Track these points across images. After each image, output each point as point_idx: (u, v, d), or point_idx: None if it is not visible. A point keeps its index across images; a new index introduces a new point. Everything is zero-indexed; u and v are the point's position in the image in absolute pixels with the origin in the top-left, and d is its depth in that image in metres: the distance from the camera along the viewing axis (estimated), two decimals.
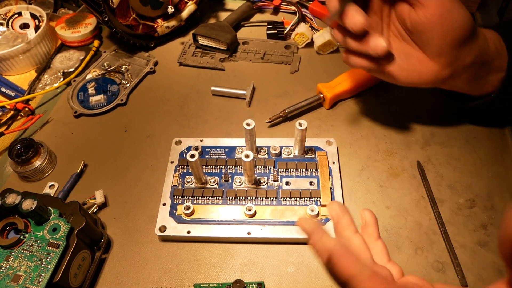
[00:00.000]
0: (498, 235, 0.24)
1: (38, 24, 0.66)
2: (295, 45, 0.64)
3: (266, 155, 0.49)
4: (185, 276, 0.42)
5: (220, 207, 0.45)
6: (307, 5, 0.68)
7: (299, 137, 0.46)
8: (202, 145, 0.51)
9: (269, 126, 0.54)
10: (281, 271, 0.42)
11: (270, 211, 0.45)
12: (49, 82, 0.63)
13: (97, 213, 0.47)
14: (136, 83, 0.61)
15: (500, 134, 0.51)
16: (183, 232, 0.44)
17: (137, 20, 0.62)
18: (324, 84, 0.55)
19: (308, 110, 0.55)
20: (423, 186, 0.47)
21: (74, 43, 0.67)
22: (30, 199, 0.38)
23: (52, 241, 0.38)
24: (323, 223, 0.43)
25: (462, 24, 0.39)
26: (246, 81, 0.60)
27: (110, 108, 0.58)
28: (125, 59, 0.65)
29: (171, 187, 0.47)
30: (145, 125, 0.56)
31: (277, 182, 0.47)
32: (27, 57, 0.64)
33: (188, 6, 0.66)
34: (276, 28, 0.65)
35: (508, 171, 0.48)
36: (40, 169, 0.50)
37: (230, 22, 0.65)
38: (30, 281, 0.36)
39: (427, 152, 0.50)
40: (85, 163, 0.52)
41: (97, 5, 0.57)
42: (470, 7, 0.66)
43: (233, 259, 0.43)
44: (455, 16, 0.39)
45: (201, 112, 0.57)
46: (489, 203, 0.45)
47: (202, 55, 0.64)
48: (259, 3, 0.70)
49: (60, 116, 0.58)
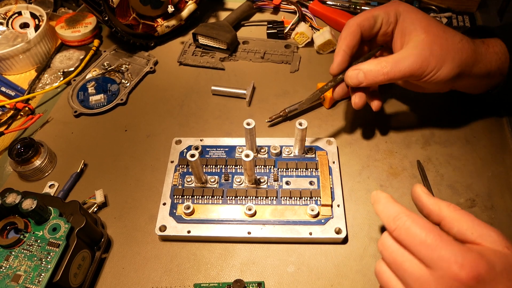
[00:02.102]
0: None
1: (38, 24, 0.66)
2: (295, 45, 0.64)
3: (266, 155, 0.49)
4: (185, 275, 0.42)
5: (220, 207, 0.45)
6: (307, 5, 0.68)
7: (299, 136, 0.46)
8: (202, 145, 0.51)
9: (269, 125, 0.54)
10: (281, 270, 0.42)
11: (270, 210, 0.45)
12: (49, 82, 0.63)
13: (97, 213, 0.47)
14: (136, 83, 0.61)
15: (500, 134, 0.51)
16: (183, 232, 0.44)
17: (137, 20, 0.62)
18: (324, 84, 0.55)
19: (308, 109, 0.55)
20: (423, 185, 0.47)
21: (74, 42, 0.67)
22: (30, 199, 0.38)
23: (52, 240, 0.38)
24: (323, 223, 0.43)
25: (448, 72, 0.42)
26: (246, 80, 0.60)
27: (110, 107, 0.58)
28: (125, 59, 0.65)
29: (171, 186, 0.47)
30: (145, 124, 0.56)
31: (277, 182, 0.47)
32: (27, 56, 0.64)
33: (188, 5, 0.66)
34: (276, 27, 0.65)
35: (508, 171, 0.48)
36: (40, 168, 0.50)
37: (230, 22, 0.65)
38: (30, 280, 0.36)
39: (427, 152, 0.50)
40: (85, 162, 0.52)
41: (97, 5, 0.57)
42: (470, 7, 0.67)
43: (233, 258, 0.43)
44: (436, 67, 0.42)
45: (201, 112, 0.57)
46: (489, 203, 0.45)
47: (202, 54, 0.64)
48: (259, 3, 0.70)
49: (60, 116, 0.58)
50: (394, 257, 0.32)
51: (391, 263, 0.32)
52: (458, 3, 0.66)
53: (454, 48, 0.42)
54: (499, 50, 0.44)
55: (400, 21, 0.45)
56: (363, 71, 0.44)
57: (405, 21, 0.44)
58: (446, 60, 0.42)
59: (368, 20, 0.46)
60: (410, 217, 0.31)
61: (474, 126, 0.52)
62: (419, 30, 0.43)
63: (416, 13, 0.44)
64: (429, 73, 0.42)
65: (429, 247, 0.29)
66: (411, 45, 0.43)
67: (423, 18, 0.44)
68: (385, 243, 0.33)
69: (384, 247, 0.33)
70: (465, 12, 0.67)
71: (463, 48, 0.42)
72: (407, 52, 0.42)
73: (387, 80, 0.43)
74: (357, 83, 0.44)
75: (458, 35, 0.43)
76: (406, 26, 0.44)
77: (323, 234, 0.43)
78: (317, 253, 0.43)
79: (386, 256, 0.32)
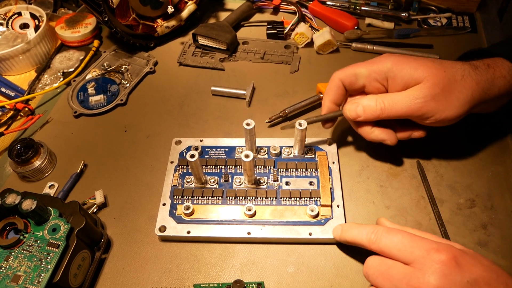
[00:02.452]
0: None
1: (38, 24, 0.66)
2: (295, 45, 0.64)
3: (266, 155, 0.49)
4: (185, 276, 0.42)
5: (220, 207, 0.45)
6: (307, 5, 0.68)
7: (299, 137, 0.46)
8: (202, 145, 0.51)
9: (269, 126, 0.54)
10: (281, 271, 0.42)
11: (270, 211, 0.45)
12: (49, 82, 0.63)
13: (97, 213, 0.47)
14: (136, 83, 0.61)
15: (500, 134, 0.51)
16: (183, 232, 0.44)
17: (137, 20, 0.62)
18: (324, 84, 0.55)
19: (308, 110, 0.55)
20: (423, 186, 0.47)
21: (74, 43, 0.67)
22: (30, 199, 0.38)
23: (52, 241, 0.37)
24: (323, 223, 0.43)
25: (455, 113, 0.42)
26: (246, 81, 0.60)
27: (110, 108, 0.58)
28: (125, 59, 0.65)
29: (171, 187, 0.47)
30: (145, 125, 0.56)
31: (277, 182, 0.47)
32: (27, 57, 0.64)
33: (188, 6, 0.66)
34: (276, 28, 0.65)
35: (508, 171, 0.48)
36: (40, 169, 0.50)
37: (230, 22, 0.65)
38: (30, 281, 0.36)
39: (427, 152, 0.50)
40: (85, 163, 0.52)
41: (96, 5, 0.57)
42: (470, 7, 0.67)
43: (233, 259, 0.43)
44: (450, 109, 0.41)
45: (201, 112, 0.57)
46: (489, 203, 0.45)
47: (202, 55, 0.64)
48: (259, 3, 0.70)
49: (60, 116, 0.58)
50: (380, 270, 0.35)
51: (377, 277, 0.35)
52: (458, 3, 0.66)
53: (457, 87, 0.41)
54: (507, 73, 0.43)
55: (392, 75, 0.43)
56: (362, 105, 0.43)
57: (400, 71, 0.42)
58: (450, 101, 0.41)
59: (349, 77, 0.45)
60: (383, 227, 0.37)
61: (474, 126, 0.52)
62: (419, 76, 0.41)
63: (410, 62, 0.42)
64: (432, 115, 0.41)
65: (407, 245, 0.34)
66: (412, 89, 0.42)
67: (419, 64, 0.42)
68: (368, 264, 0.36)
69: (368, 267, 0.36)
70: (465, 12, 0.67)
71: (466, 84, 0.41)
72: (406, 93, 0.42)
73: (384, 117, 0.43)
74: (356, 116, 0.44)
75: (459, 71, 0.42)
76: (403, 75, 0.42)
77: (323, 235, 0.43)
78: (316, 253, 0.43)
79: (372, 274, 0.35)
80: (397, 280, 0.33)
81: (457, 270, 0.31)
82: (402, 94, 0.42)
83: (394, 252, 0.35)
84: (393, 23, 0.65)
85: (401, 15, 0.64)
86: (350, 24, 0.64)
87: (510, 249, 0.42)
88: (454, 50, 0.61)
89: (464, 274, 0.31)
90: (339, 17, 0.65)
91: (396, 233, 0.35)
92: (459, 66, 0.42)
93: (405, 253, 0.34)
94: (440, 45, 0.63)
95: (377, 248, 0.36)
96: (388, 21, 0.65)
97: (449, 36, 0.64)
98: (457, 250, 0.33)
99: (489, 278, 0.32)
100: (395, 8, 0.65)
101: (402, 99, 0.42)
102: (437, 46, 0.62)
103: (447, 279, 0.31)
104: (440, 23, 0.66)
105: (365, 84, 0.45)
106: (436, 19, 0.66)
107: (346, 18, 0.65)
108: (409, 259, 0.33)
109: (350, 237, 0.39)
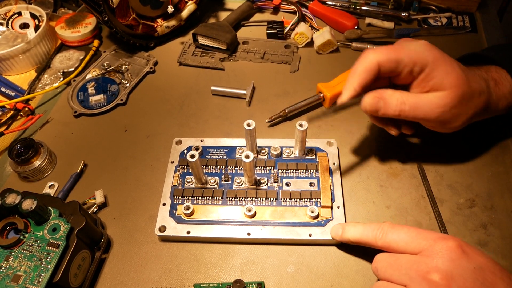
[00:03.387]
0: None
1: (38, 24, 0.66)
2: (295, 45, 0.64)
3: (266, 156, 0.49)
4: (185, 276, 0.42)
5: (220, 208, 0.45)
6: (307, 5, 0.68)
7: (299, 137, 0.46)
8: (203, 145, 0.51)
9: (269, 125, 0.54)
10: (281, 271, 0.42)
11: (270, 211, 0.45)
12: (49, 82, 0.63)
13: (97, 213, 0.47)
14: (136, 83, 0.61)
15: (500, 134, 0.51)
16: (183, 232, 0.44)
17: (137, 20, 0.62)
18: (324, 84, 0.55)
19: (308, 109, 0.55)
20: (423, 185, 0.47)
21: (74, 43, 0.67)
22: (30, 199, 0.38)
23: (52, 241, 0.37)
24: (323, 224, 0.43)
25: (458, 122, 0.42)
26: (246, 81, 0.60)
27: (110, 108, 0.58)
28: (125, 59, 0.64)
29: (171, 187, 0.47)
30: (145, 125, 0.56)
31: (277, 183, 0.47)
32: (27, 57, 0.64)
33: (188, 5, 0.66)
34: (276, 27, 0.65)
35: (508, 171, 0.48)
36: (40, 169, 0.50)
37: (230, 22, 0.65)
38: (30, 281, 0.36)
39: (427, 152, 0.50)
40: (85, 163, 0.52)
41: (96, 5, 0.57)
42: (470, 7, 0.67)
43: (233, 259, 0.43)
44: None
45: (201, 112, 0.57)
46: (489, 203, 0.45)
47: (202, 54, 0.64)
48: (259, 3, 0.70)
49: (60, 116, 0.58)
50: (388, 261, 0.35)
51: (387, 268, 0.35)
52: (458, 3, 0.66)
53: (473, 103, 0.41)
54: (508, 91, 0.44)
55: (428, 70, 0.40)
56: (384, 101, 0.41)
57: (435, 70, 0.40)
58: (461, 115, 0.41)
59: (390, 63, 0.41)
60: (387, 224, 0.37)
61: (474, 126, 0.52)
62: (447, 84, 0.40)
63: (447, 65, 0.40)
64: (441, 123, 0.42)
65: (414, 237, 0.35)
66: (436, 95, 0.40)
67: (450, 70, 0.40)
68: (377, 259, 0.36)
69: (376, 262, 0.36)
70: (465, 12, 0.67)
71: (480, 103, 0.42)
72: (429, 99, 0.40)
73: (402, 116, 0.41)
74: (375, 110, 0.42)
75: (479, 88, 0.41)
76: (435, 76, 0.40)
77: (323, 236, 0.42)
78: (317, 254, 0.43)
79: (381, 266, 0.35)
80: (406, 268, 0.33)
81: (464, 256, 0.33)
82: (425, 99, 0.41)
83: (401, 245, 0.35)
84: (393, 23, 0.65)
85: (401, 15, 0.64)
86: (350, 24, 0.64)
87: (510, 249, 0.42)
88: (454, 50, 0.60)
89: (470, 261, 0.32)
90: (339, 16, 0.65)
91: (401, 227, 0.36)
92: (482, 83, 0.42)
93: (412, 245, 0.35)
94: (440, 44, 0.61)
95: (384, 243, 0.36)
96: (388, 21, 0.65)
97: (449, 36, 0.64)
98: (462, 241, 0.34)
99: (494, 268, 0.33)
100: (395, 7, 0.66)
101: (424, 105, 0.40)
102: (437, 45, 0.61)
103: (455, 263, 0.32)
104: (440, 23, 0.66)
105: (401, 74, 0.41)
106: (436, 19, 0.66)
107: (346, 17, 0.65)
108: (417, 249, 0.34)
109: (354, 236, 0.39)
